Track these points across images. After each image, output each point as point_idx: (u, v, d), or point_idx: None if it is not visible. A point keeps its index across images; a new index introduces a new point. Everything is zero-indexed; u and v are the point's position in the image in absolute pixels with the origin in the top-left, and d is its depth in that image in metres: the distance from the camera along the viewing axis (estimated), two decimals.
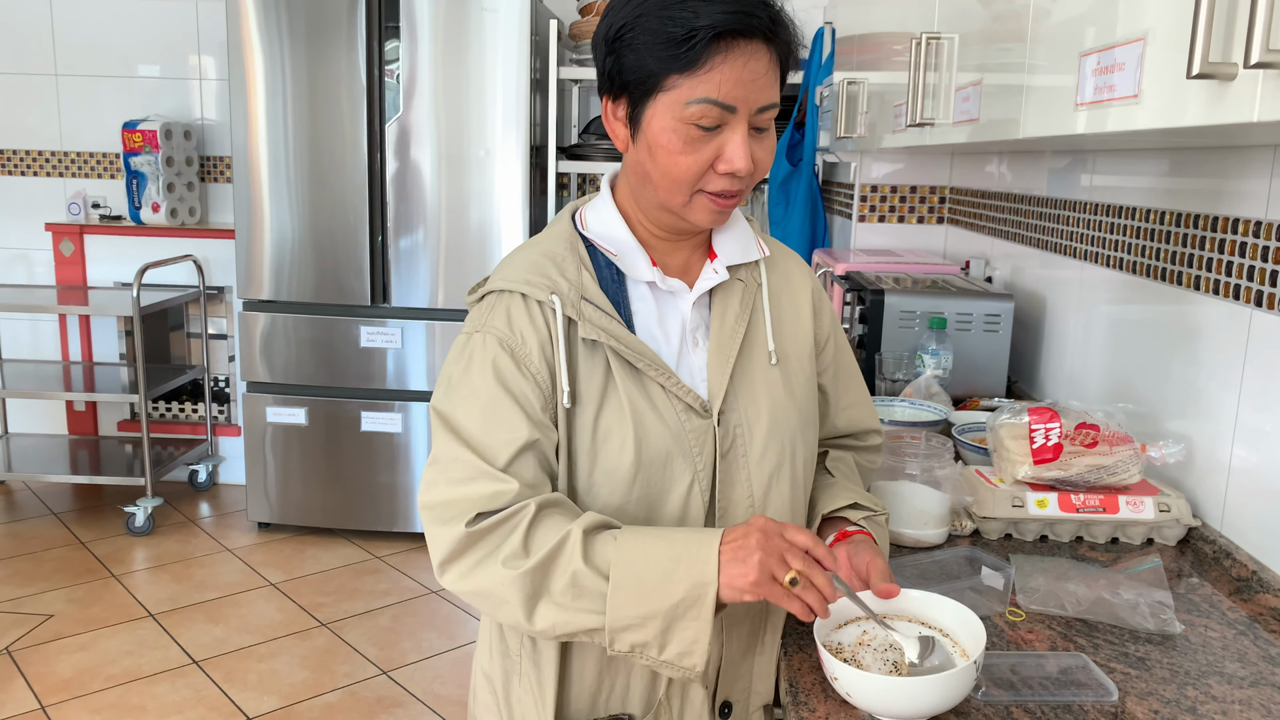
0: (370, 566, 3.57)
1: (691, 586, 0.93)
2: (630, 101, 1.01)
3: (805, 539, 0.95)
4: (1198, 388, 1.53)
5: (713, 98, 0.96)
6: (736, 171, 0.99)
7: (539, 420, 1.02)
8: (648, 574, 0.94)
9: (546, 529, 0.97)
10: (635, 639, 0.95)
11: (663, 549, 0.95)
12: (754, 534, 0.94)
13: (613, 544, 0.96)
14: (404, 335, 3.64)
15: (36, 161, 4.27)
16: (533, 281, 1.04)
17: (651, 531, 0.98)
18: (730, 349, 1.09)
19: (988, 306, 2.14)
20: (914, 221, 3.14)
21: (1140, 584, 1.25)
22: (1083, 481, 1.45)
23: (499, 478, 0.98)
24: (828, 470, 1.22)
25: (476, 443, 1.00)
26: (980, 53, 1.52)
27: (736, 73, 0.96)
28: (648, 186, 1.04)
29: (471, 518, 0.98)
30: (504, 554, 0.96)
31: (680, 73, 0.96)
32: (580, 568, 0.94)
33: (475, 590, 0.99)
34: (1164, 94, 0.86)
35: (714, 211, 1.03)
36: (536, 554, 0.95)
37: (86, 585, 3.36)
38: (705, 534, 0.96)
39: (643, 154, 1.02)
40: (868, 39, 2.68)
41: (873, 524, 1.15)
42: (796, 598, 0.94)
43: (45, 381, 3.97)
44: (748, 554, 0.93)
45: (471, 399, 1.02)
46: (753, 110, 0.99)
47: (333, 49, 3.48)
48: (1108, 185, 1.89)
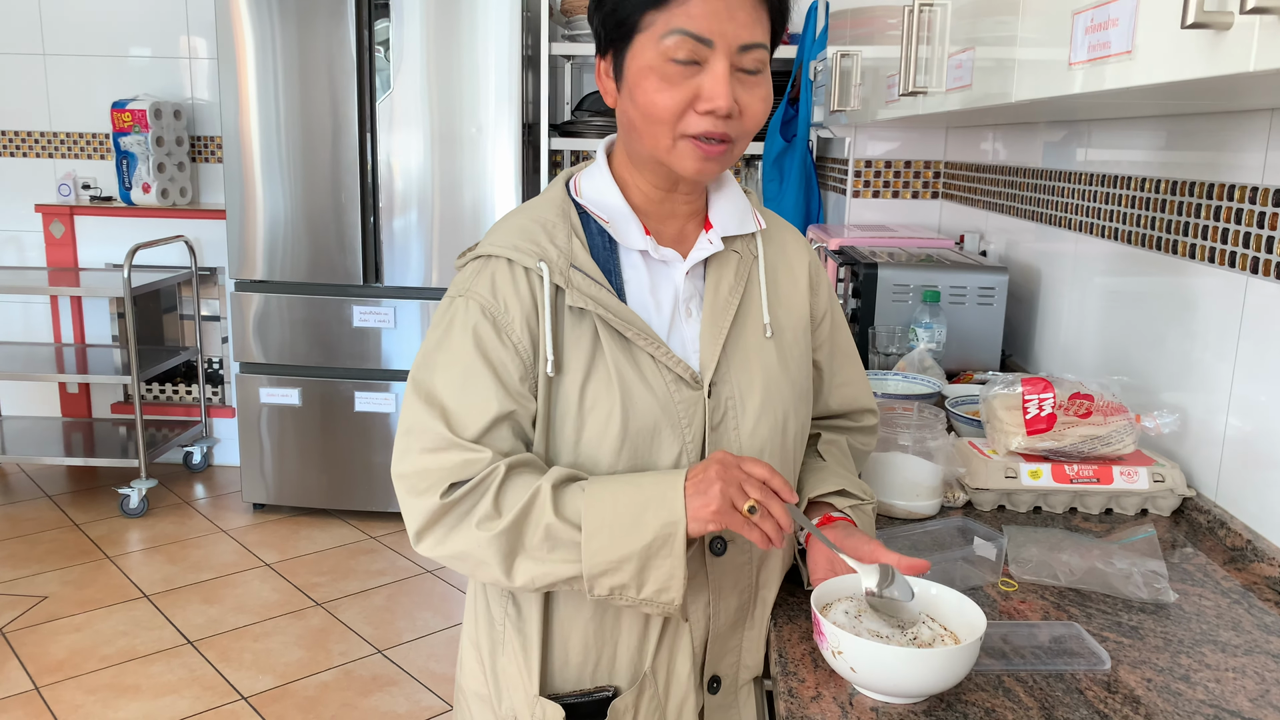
0: (365, 546, 3.57)
1: (661, 526, 0.95)
2: (614, 52, 1.01)
3: (762, 470, 0.96)
4: (1192, 358, 1.52)
5: (686, 29, 0.94)
6: (716, 109, 0.96)
7: (516, 391, 1.01)
8: (618, 520, 0.95)
9: (516, 487, 0.97)
10: (613, 582, 0.96)
11: (630, 493, 0.96)
12: (713, 465, 0.96)
13: (581, 495, 0.96)
14: (397, 314, 3.62)
15: (26, 142, 4.24)
16: (521, 247, 1.03)
17: (617, 479, 0.99)
18: (724, 320, 1.07)
19: (982, 279, 2.13)
20: (908, 197, 3.11)
21: (1134, 554, 1.24)
22: (1076, 452, 1.44)
23: (470, 448, 0.98)
24: (819, 454, 1.20)
25: (450, 411, 0.99)
26: (973, 19, 1.49)
27: (712, 5, 0.94)
28: (634, 135, 1.03)
29: (445, 488, 0.98)
30: (477, 516, 0.97)
31: (655, 8, 0.95)
32: (552, 521, 0.95)
33: (453, 554, 1.00)
34: (1158, 48, 0.84)
35: (700, 159, 1.00)
36: (509, 513, 0.96)
37: (81, 567, 3.35)
38: (669, 475, 0.98)
39: (626, 101, 1.01)
40: (861, 13, 2.65)
41: (858, 513, 1.14)
42: (755, 526, 0.95)
43: (37, 363, 3.95)
44: (708, 485, 0.95)
45: (449, 366, 1.01)
46: (733, 48, 0.96)
47: (323, 27, 3.44)
48: (1103, 156, 1.87)
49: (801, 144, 3.44)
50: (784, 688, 0.98)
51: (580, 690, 1.08)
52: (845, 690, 0.97)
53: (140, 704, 2.57)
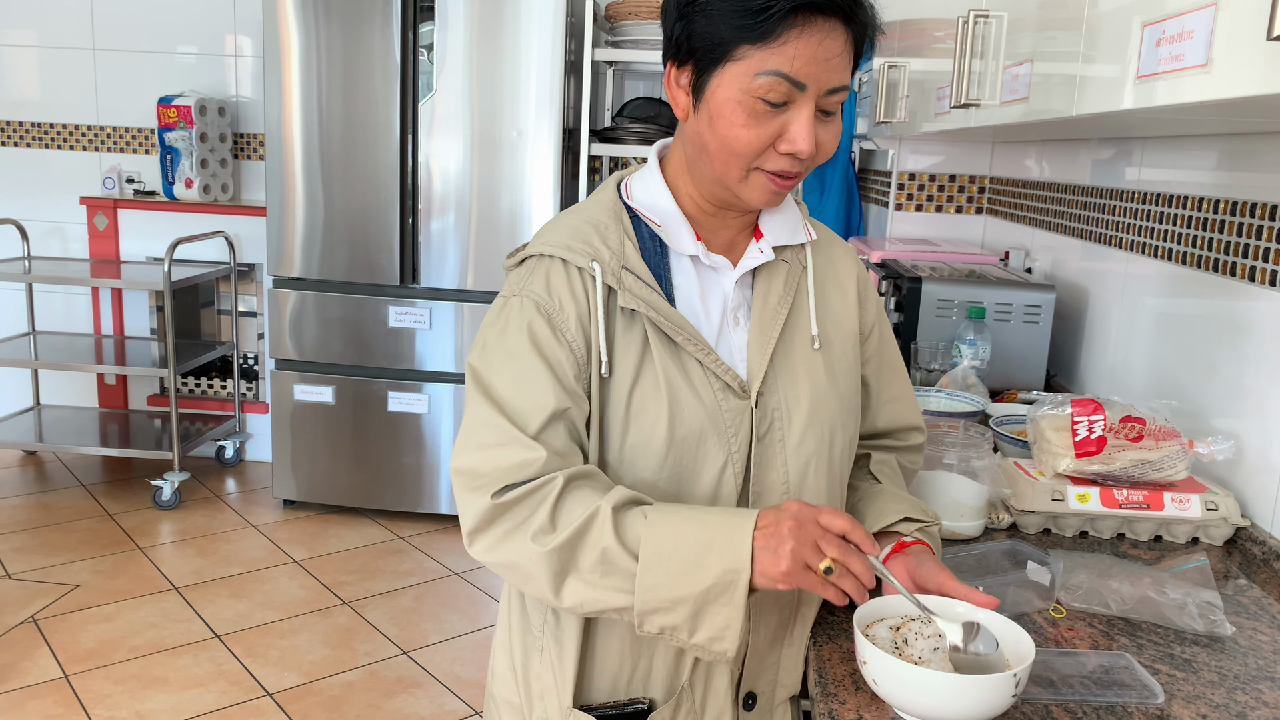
0: (394, 547, 3.57)
1: (724, 572, 0.90)
2: (696, 69, 0.98)
3: (842, 523, 0.92)
4: (1245, 384, 1.48)
5: (784, 71, 0.93)
6: (799, 153, 0.96)
7: (572, 389, 0.99)
8: (678, 556, 0.90)
9: (575, 503, 0.94)
10: (664, 622, 0.93)
11: (695, 531, 0.92)
12: (786, 520, 0.91)
13: (643, 522, 0.93)
14: (432, 316, 3.62)
15: (73, 136, 4.29)
16: (574, 247, 1.02)
17: (683, 510, 0.94)
18: (772, 330, 1.05)
19: (1028, 297, 2.09)
20: (952, 211, 3.07)
21: (1186, 583, 1.20)
22: (1126, 476, 1.40)
23: (528, 445, 0.96)
24: (873, 476, 1.17)
25: (508, 406, 0.98)
26: (1031, 30, 1.47)
27: (811, 49, 0.93)
28: (704, 158, 1.00)
29: (498, 489, 0.95)
30: (532, 528, 0.94)
31: (753, 43, 0.92)
32: (610, 544, 0.92)
33: (503, 563, 0.97)
34: (1238, 61, 0.81)
35: (770, 191, 1.00)
36: (565, 529, 0.93)
37: (112, 557, 3.38)
38: (739, 516, 0.93)
39: (703, 124, 0.98)
40: (909, 24, 2.62)
41: (926, 534, 1.11)
42: (832, 585, 0.90)
43: (77, 354, 3.99)
44: (780, 543, 0.90)
45: (505, 362, 1.00)
46: (822, 91, 0.95)
47: (367, 29, 3.46)
48: (1156, 175, 1.83)
49: (844, 155, 3.41)
50: (824, 709, 0.95)
51: (614, 702, 1.06)
52: (886, 714, 0.94)
53: (167, 696, 2.58)
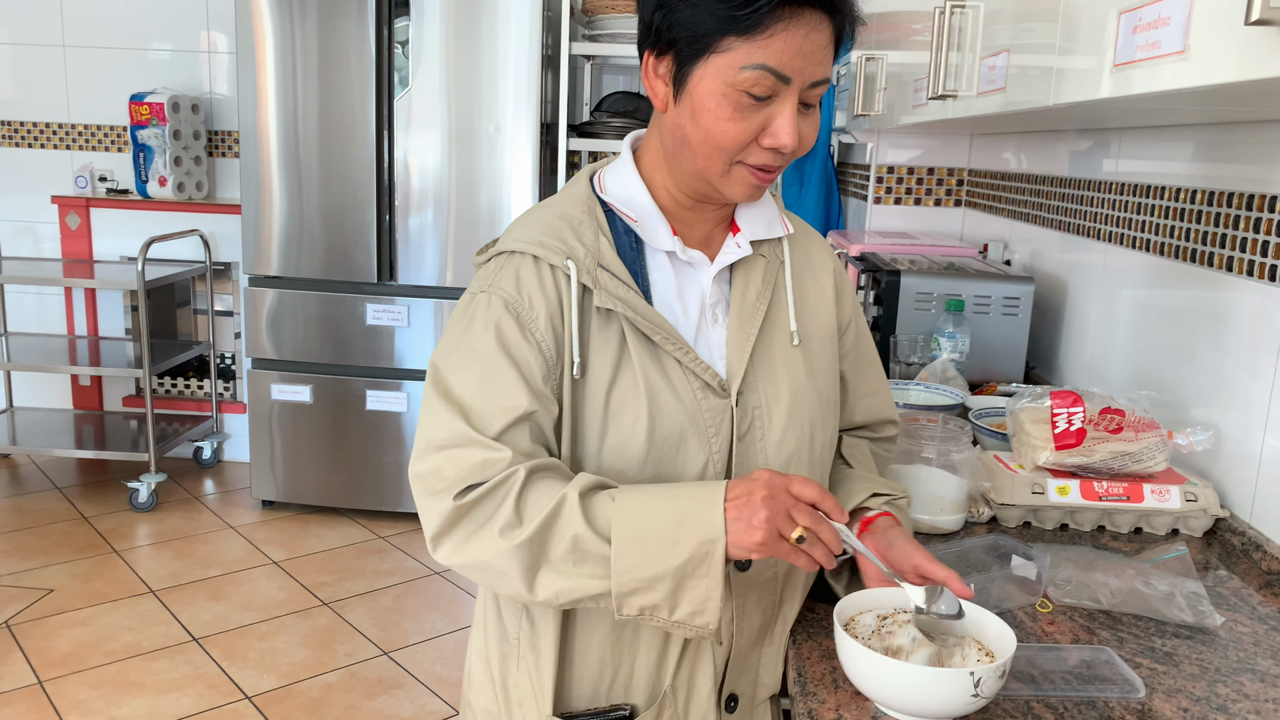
0: (374, 546, 3.54)
1: (698, 544, 0.89)
2: (677, 60, 0.95)
3: (812, 491, 0.91)
4: (1224, 374, 1.47)
5: (770, 65, 0.91)
6: (782, 147, 0.94)
7: (539, 390, 0.97)
8: (651, 534, 0.89)
9: (539, 493, 0.92)
10: (644, 602, 0.91)
11: (665, 507, 0.90)
12: (759, 489, 0.90)
13: (611, 504, 0.91)
14: (410, 313, 3.59)
15: (44, 134, 4.23)
16: (546, 244, 0.99)
17: (650, 489, 0.93)
18: (751, 326, 1.04)
19: (1007, 289, 2.08)
20: (931, 204, 3.07)
21: (1169, 574, 1.20)
22: (1106, 469, 1.40)
23: (490, 445, 0.93)
24: (844, 458, 1.17)
25: (469, 408, 0.95)
26: (1007, 21, 1.46)
27: (798, 42, 0.91)
28: (685, 151, 0.98)
29: (461, 490, 0.93)
30: (498, 524, 0.91)
31: (739, 35, 0.90)
32: (581, 531, 0.89)
33: (471, 563, 0.94)
34: (1216, 47, 0.80)
35: (752, 185, 0.98)
36: (532, 521, 0.90)
37: (88, 560, 3.33)
38: (708, 488, 0.92)
39: (684, 116, 0.96)
40: (886, 16, 2.61)
41: (893, 506, 1.10)
42: (803, 552, 0.90)
43: (51, 355, 3.94)
44: (753, 512, 0.89)
45: (469, 361, 0.97)
46: (806, 84, 0.94)
47: (342, 24, 3.42)
48: (1134, 166, 1.83)
49: (822, 148, 3.40)
50: (803, 708, 0.94)
51: (596, 709, 1.04)
52: (867, 712, 0.93)
53: (144, 701, 2.55)
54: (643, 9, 0.98)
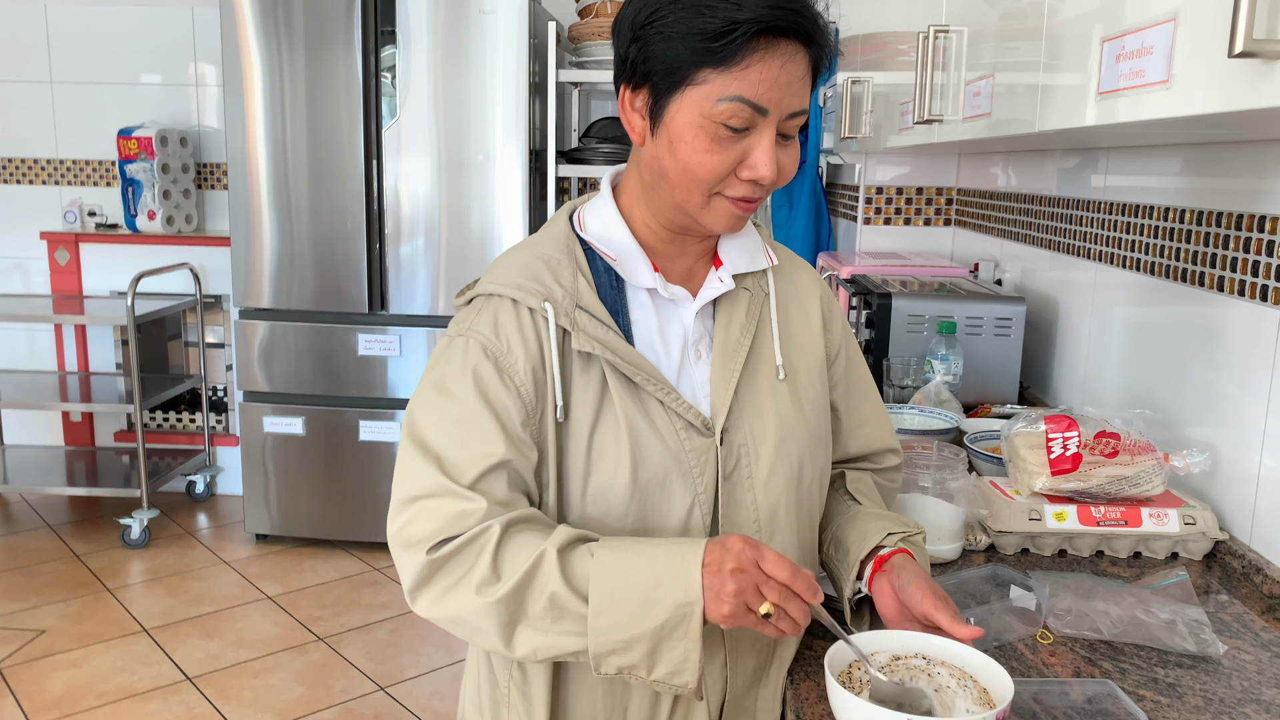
0: (369, 579, 3.51)
1: (676, 607, 0.87)
2: (653, 92, 0.94)
3: (784, 572, 0.88)
4: (1218, 392, 1.47)
5: (747, 97, 0.90)
6: (760, 179, 0.93)
7: (517, 436, 0.95)
8: (629, 594, 0.87)
9: (517, 548, 0.90)
10: (621, 662, 0.89)
11: (643, 566, 0.88)
12: (729, 561, 0.87)
13: (590, 561, 0.89)
14: (402, 343, 3.58)
15: (32, 170, 4.23)
16: (524, 286, 0.98)
17: (630, 545, 0.91)
18: (735, 362, 1.02)
19: (999, 310, 2.08)
20: (920, 224, 3.07)
21: (1170, 601, 1.18)
22: (1103, 493, 1.38)
23: (466, 495, 0.92)
24: (850, 494, 1.14)
25: (444, 457, 0.93)
26: (992, 45, 1.45)
27: (774, 73, 0.90)
28: (663, 184, 0.97)
29: (435, 544, 0.91)
30: (475, 580, 0.90)
31: (715, 67, 0.90)
32: (558, 589, 0.88)
33: (448, 618, 0.93)
34: (1200, 77, 0.79)
35: (733, 216, 0.97)
36: (510, 578, 0.89)
37: (80, 600, 3.30)
38: (686, 547, 0.90)
39: (662, 149, 0.95)
40: (872, 38, 2.62)
41: (909, 543, 1.07)
42: (770, 624, 0.89)
43: (41, 392, 3.92)
44: (722, 584, 0.87)
45: (445, 408, 0.95)
46: (783, 115, 0.93)
47: (329, 54, 3.43)
48: (1123, 184, 1.83)
49: (811, 170, 3.40)
50: None
51: None
52: None
53: None
54: (618, 43, 0.98)
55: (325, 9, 3.40)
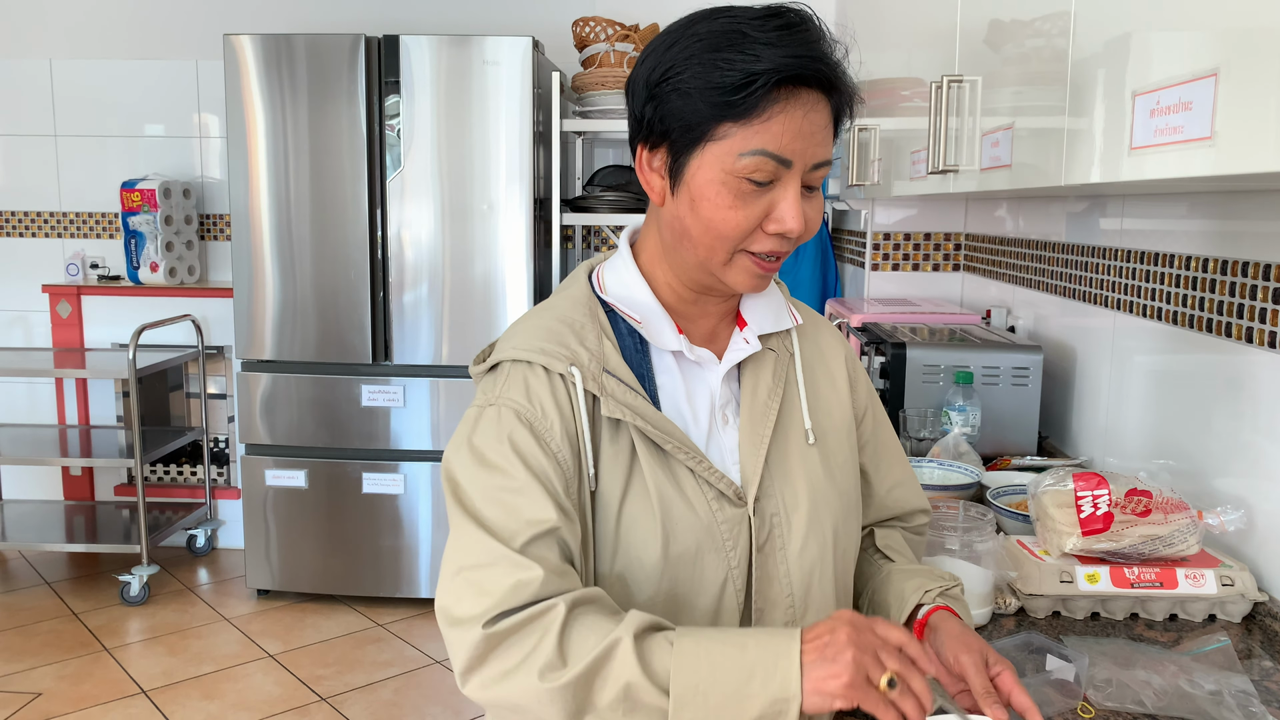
0: (372, 635, 3.44)
1: (770, 702, 0.79)
2: (672, 150, 0.92)
3: (899, 635, 0.82)
4: (1243, 441, 1.43)
5: (770, 150, 0.87)
6: (788, 232, 0.90)
7: (562, 504, 0.89)
8: (716, 688, 0.80)
9: (586, 630, 0.83)
10: None
11: (732, 656, 0.81)
12: (843, 628, 0.81)
13: (669, 650, 0.82)
14: (406, 393, 3.54)
15: (35, 222, 4.22)
16: (549, 351, 0.94)
17: (715, 634, 0.84)
18: (764, 427, 0.98)
19: (1015, 359, 2.04)
20: (929, 269, 3.05)
21: (1213, 668, 1.13)
22: (1136, 553, 1.34)
23: (520, 564, 0.85)
24: (880, 552, 1.10)
25: (494, 524, 0.88)
26: (1010, 94, 1.43)
27: (796, 124, 0.87)
28: (686, 243, 0.94)
29: (491, 617, 0.84)
30: (538, 663, 0.82)
31: (735, 121, 0.87)
32: (635, 679, 0.80)
33: (504, 702, 0.85)
34: (1249, 134, 0.76)
35: (756, 275, 0.94)
36: (578, 663, 0.82)
37: (77, 660, 3.23)
38: (781, 637, 0.82)
39: (683, 207, 0.92)
40: (878, 84, 2.61)
41: (947, 598, 1.02)
42: (892, 705, 0.80)
43: (41, 446, 3.87)
44: (838, 651, 0.79)
45: (489, 480, 0.90)
46: (808, 166, 0.90)
47: (333, 105, 3.43)
48: (1139, 228, 1.80)
49: None
50: None
51: None
52: None
53: None
54: (633, 102, 0.95)
55: (329, 60, 3.41)
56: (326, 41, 3.40)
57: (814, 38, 0.89)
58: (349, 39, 3.39)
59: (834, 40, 0.91)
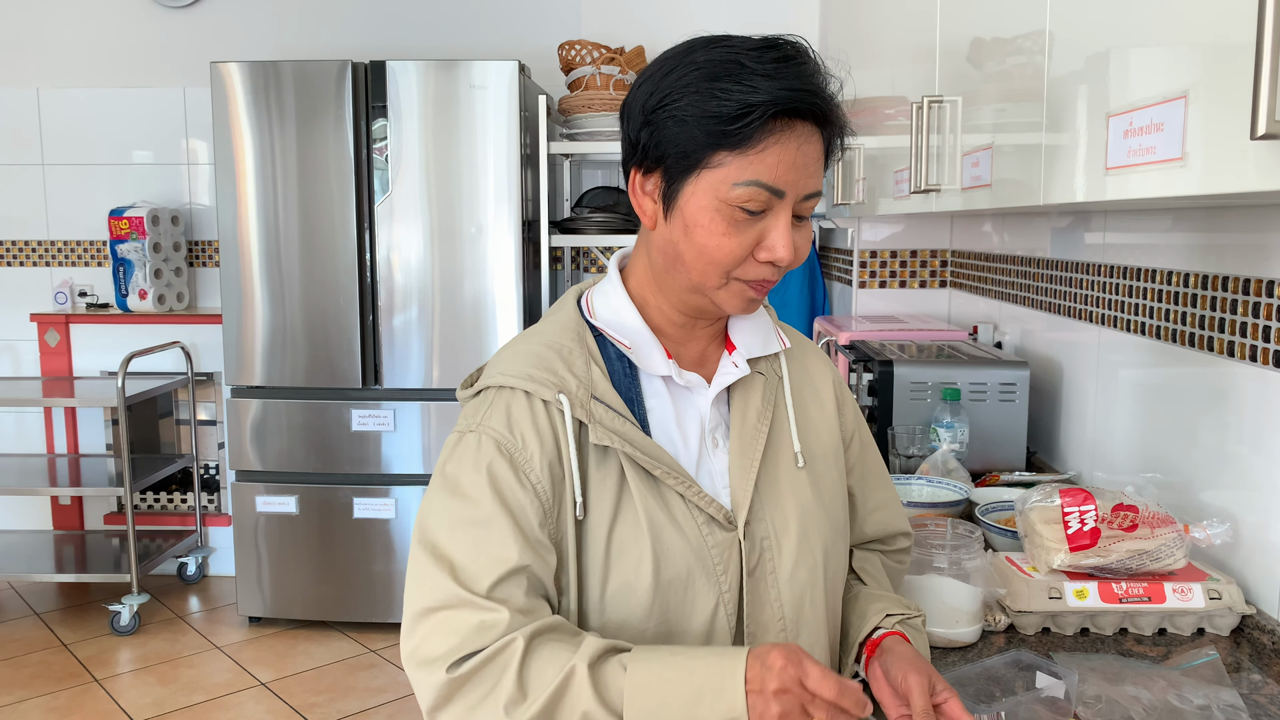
0: (365, 661, 3.42)
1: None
2: (666, 176, 0.93)
3: (830, 690, 0.82)
4: (1229, 454, 1.43)
5: (764, 181, 0.88)
6: (778, 260, 0.92)
7: (535, 539, 0.90)
8: (667, 710, 0.82)
9: (544, 663, 0.85)
10: None
11: (681, 679, 0.83)
12: (771, 680, 0.82)
13: (623, 675, 0.83)
14: (396, 417, 3.54)
15: (23, 251, 4.21)
16: (536, 377, 0.94)
17: (665, 655, 0.85)
18: (753, 451, 0.98)
19: (1002, 375, 2.05)
20: (916, 286, 3.06)
21: (1202, 682, 1.14)
22: (1124, 568, 1.34)
23: (484, 606, 0.86)
24: (855, 574, 1.11)
25: (458, 565, 0.88)
26: (990, 113, 1.45)
27: (790, 155, 0.88)
28: (678, 267, 0.95)
29: (455, 660, 0.86)
30: (501, 700, 0.84)
31: (730, 150, 0.88)
32: (591, 707, 0.82)
33: None
34: (1218, 156, 0.77)
35: (748, 299, 0.95)
36: (539, 697, 0.83)
37: (67, 692, 3.20)
38: (726, 661, 0.84)
39: (676, 233, 0.93)
40: (861, 103, 2.64)
41: (906, 626, 1.04)
42: None
43: (29, 476, 3.85)
44: (765, 708, 0.82)
45: (459, 511, 0.91)
46: (799, 197, 0.91)
47: (320, 131, 3.44)
48: (1121, 243, 1.81)
49: None
50: None
51: None
52: None
53: None
54: (628, 126, 0.96)
55: (316, 86, 3.42)
56: (314, 69, 3.42)
57: (810, 71, 0.90)
58: (336, 65, 3.41)
59: (828, 73, 0.93)
